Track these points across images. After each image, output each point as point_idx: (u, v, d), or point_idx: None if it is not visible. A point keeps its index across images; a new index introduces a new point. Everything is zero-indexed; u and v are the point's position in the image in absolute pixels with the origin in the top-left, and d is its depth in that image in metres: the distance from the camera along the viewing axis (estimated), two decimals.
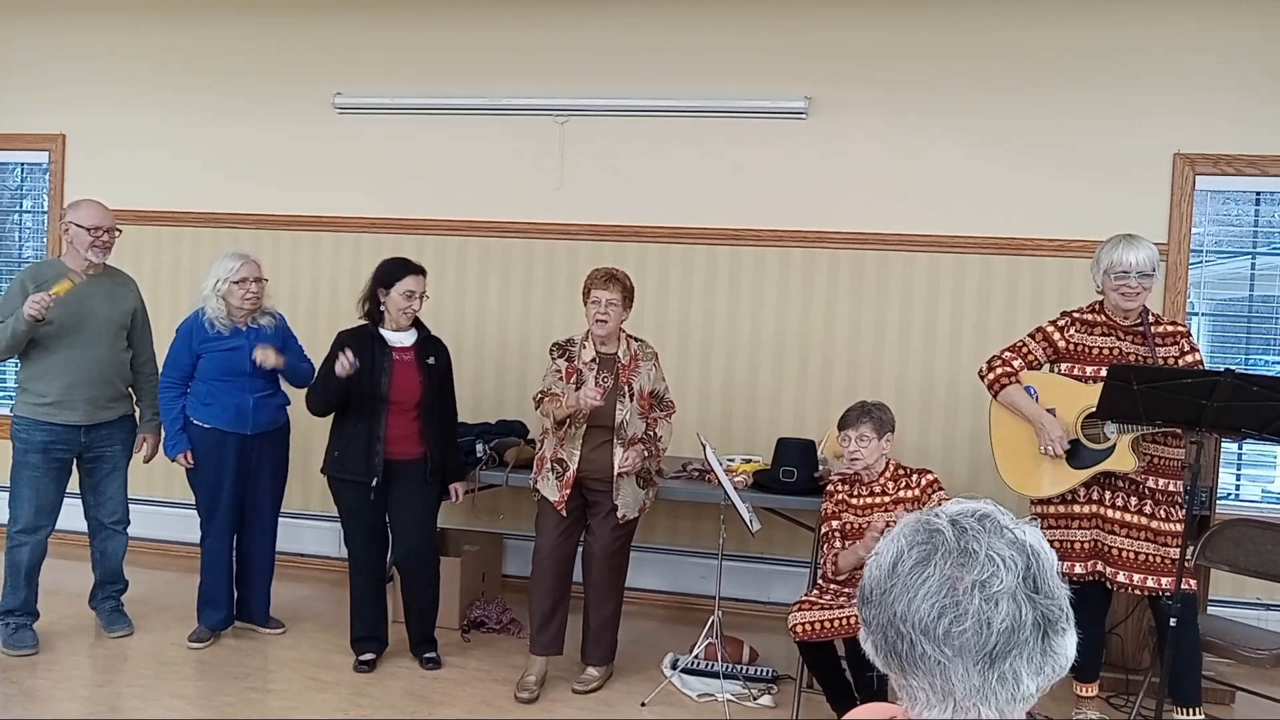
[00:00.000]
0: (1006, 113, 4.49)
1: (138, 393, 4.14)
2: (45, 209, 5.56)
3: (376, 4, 5.08)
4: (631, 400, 3.73)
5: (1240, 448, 4.42)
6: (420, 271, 3.88)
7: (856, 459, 3.45)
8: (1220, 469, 3.90)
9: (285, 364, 4.00)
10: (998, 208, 4.50)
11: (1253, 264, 4.45)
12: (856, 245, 4.63)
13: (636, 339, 3.85)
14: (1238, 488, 4.48)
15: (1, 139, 5.52)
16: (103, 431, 3.99)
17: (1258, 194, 4.43)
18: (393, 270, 3.86)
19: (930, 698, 1.06)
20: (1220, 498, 3.93)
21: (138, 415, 4.15)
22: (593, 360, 3.72)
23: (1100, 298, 3.44)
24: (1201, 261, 4.42)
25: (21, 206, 5.73)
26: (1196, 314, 4.44)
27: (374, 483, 3.78)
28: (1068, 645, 1.07)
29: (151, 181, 5.33)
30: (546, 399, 3.75)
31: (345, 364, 3.65)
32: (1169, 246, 4.33)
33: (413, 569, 3.93)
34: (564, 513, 3.73)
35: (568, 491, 3.71)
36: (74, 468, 4.01)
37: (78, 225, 3.88)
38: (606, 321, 3.70)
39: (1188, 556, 3.22)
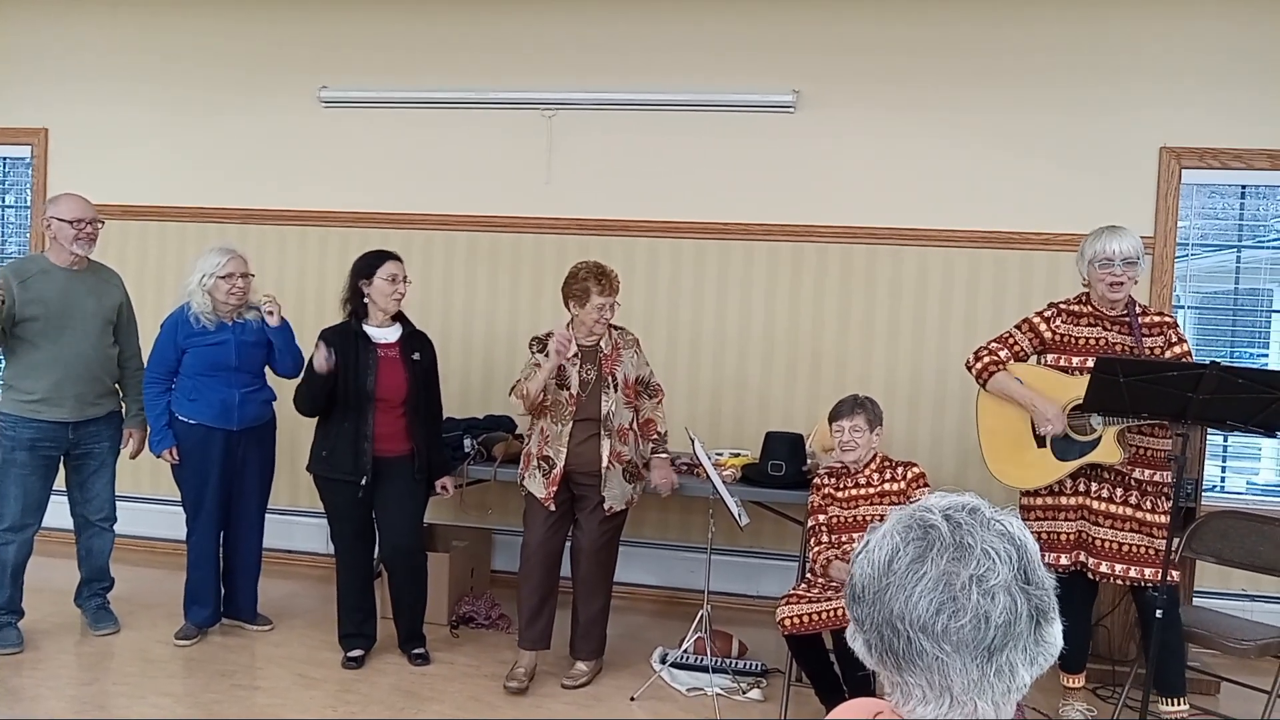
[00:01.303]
0: (993, 107, 4.50)
1: (124, 388, 4.11)
2: (28, 204, 5.51)
3: None
4: (616, 391, 3.73)
5: (1225, 440, 4.45)
6: (397, 257, 3.88)
7: (850, 450, 3.45)
8: (1205, 461, 3.92)
9: (283, 337, 4.00)
10: (985, 202, 4.50)
11: (1238, 257, 4.47)
12: (845, 239, 4.63)
13: (617, 327, 3.84)
14: (1223, 480, 4.51)
15: None
16: (90, 428, 3.96)
17: (1243, 188, 4.45)
18: (370, 260, 3.85)
19: (927, 694, 1.06)
20: (1205, 490, 3.95)
21: (124, 411, 4.13)
22: (575, 355, 3.71)
23: (1086, 289, 3.45)
24: (1187, 255, 4.44)
25: (4, 202, 5.68)
26: (1182, 307, 4.46)
27: (363, 481, 3.77)
28: (1056, 634, 1.08)
29: (135, 176, 5.29)
30: (519, 383, 3.75)
31: (322, 359, 3.64)
32: (1155, 240, 4.35)
33: (400, 566, 3.92)
34: (552, 507, 3.73)
35: (554, 488, 3.71)
36: (60, 464, 3.98)
37: (59, 219, 3.85)
38: (605, 323, 3.71)
39: (1173, 548, 3.24)
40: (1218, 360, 3.05)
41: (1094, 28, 4.40)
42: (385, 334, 3.87)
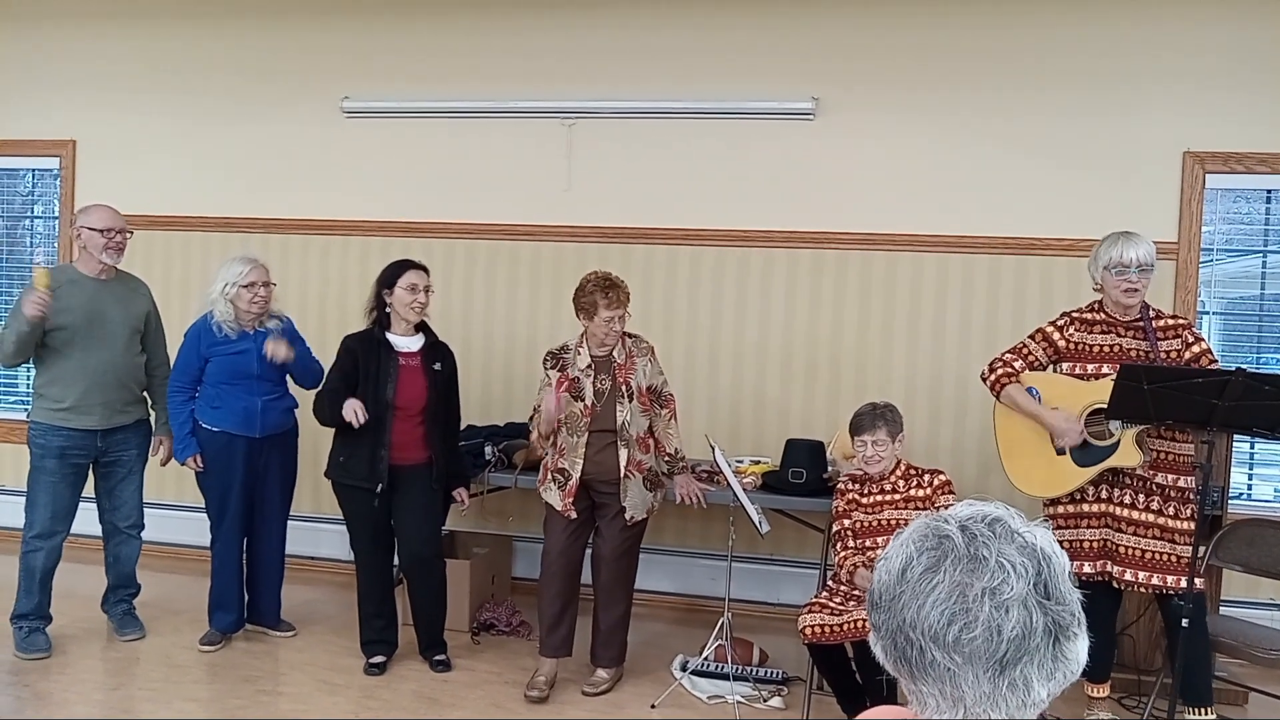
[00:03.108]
0: (1015, 112, 4.48)
1: (153, 396, 4.16)
2: (56, 215, 5.59)
3: (384, 9, 5.09)
4: (631, 400, 3.73)
5: (1252, 446, 4.40)
6: (421, 267, 3.90)
7: (875, 464, 3.44)
8: (1232, 468, 3.88)
9: (295, 358, 4.01)
10: (1006, 207, 4.48)
11: (1264, 262, 4.43)
12: (864, 246, 4.62)
13: (631, 335, 3.83)
14: (1250, 487, 4.46)
15: (12, 145, 5.55)
16: (119, 436, 4.01)
17: (1269, 192, 4.41)
18: (393, 269, 3.88)
19: (940, 704, 1.05)
20: (1232, 498, 3.91)
21: (152, 419, 4.17)
22: (589, 366, 3.72)
23: (1099, 297, 3.44)
24: (1212, 260, 4.40)
25: (33, 212, 5.76)
26: (1207, 313, 4.42)
27: (379, 489, 3.79)
28: (1079, 650, 1.06)
29: (161, 186, 5.36)
30: (534, 415, 3.78)
31: (352, 414, 3.68)
32: (1179, 245, 4.32)
33: (418, 575, 3.93)
34: (573, 515, 3.73)
35: (570, 499, 3.72)
36: (89, 472, 4.03)
37: (90, 229, 3.91)
38: (616, 334, 3.71)
39: (1199, 556, 3.20)
40: (1243, 367, 3.02)
41: (1116, 32, 4.38)
42: (408, 343, 3.90)
